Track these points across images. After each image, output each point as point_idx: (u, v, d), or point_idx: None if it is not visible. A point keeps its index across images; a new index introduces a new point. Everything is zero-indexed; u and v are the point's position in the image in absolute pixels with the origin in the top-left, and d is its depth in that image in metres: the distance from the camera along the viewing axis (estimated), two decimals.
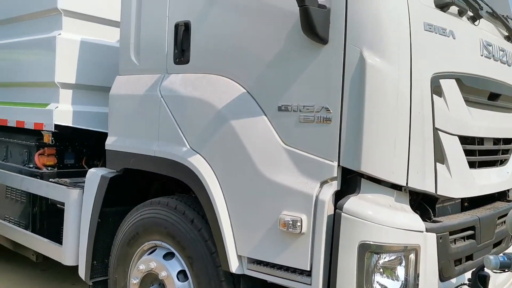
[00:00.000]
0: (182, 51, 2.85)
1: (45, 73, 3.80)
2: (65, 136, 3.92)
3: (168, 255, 2.86)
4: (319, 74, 2.30)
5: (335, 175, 2.24)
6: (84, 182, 3.45)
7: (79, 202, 3.40)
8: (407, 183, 2.26)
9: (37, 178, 3.88)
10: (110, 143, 3.26)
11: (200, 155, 2.68)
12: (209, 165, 2.63)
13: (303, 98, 2.34)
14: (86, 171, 3.57)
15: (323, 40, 2.27)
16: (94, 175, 3.31)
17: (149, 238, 2.99)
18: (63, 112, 3.74)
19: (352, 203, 2.18)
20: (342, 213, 2.17)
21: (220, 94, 2.64)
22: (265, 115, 2.46)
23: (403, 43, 2.26)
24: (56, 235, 3.68)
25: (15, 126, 4.11)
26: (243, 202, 2.48)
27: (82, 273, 3.33)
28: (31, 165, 4.06)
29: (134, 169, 3.11)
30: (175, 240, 2.81)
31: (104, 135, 3.49)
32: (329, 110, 2.26)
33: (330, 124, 2.25)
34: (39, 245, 3.76)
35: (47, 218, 3.91)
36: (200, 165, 2.65)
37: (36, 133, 3.99)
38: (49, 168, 4.00)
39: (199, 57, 2.80)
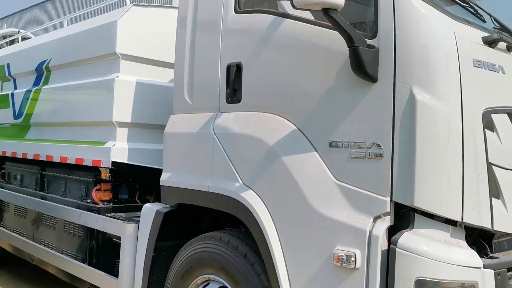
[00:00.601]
0: (234, 91, 2.99)
1: (103, 113, 4.03)
2: (120, 172, 4.12)
3: None
4: (369, 111, 2.37)
5: (388, 210, 2.27)
6: (138, 216, 3.60)
7: (135, 236, 3.54)
8: (462, 219, 2.25)
9: (94, 213, 4.07)
10: (165, 179, 3.40)
11: (253, 190, 2.77)
12: (262, 200, 2.71)
13: (354, 135, 2.40)
14: (140, 205, 3.73)
15: (372, 79, 2.34)
16: (149, 210, 3.45)
17: (202, 272, 3.06)
18: (120, 150, 3.94)
19: (406, 238, 2.19)
20: (397, 249, 2.18)
21: (271, 131, 2.74)
22: (316, 151, 2.54)
23: (452, 79, 2.30)
24: (112, 268, 3.83)
25: (74, 163, 4.35)
26: (296, 237, 2.53)
27: None
28: (89, 200, 4.26)
29: (187, 204, 3.23)
30: (228, 274, 2.88)
31: (156, 171, 3.65)
32: (380, 146, 2.30)
33: (382, 160, 2.30)
34: (95, 278, 3.90)
35: (104, 252, 4.07)
36: (253, 200, 2.73)
37: (93, 170, 4.21)
38: (105, 203, 4.19)
39: (250, 96, 2.92)
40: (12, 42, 6.96)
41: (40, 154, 4.88)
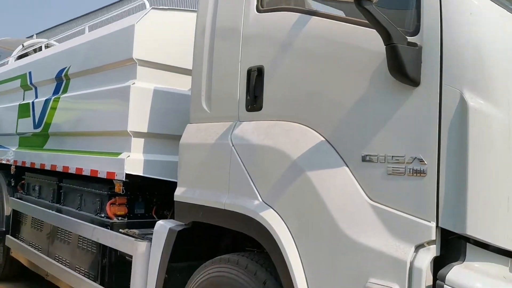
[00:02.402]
0: (254, 98, 2.69)
1: (118, 122, 3.80)
2: (136, 185, 3.86)
3: None
4: (409, 120, 2.01)
5: (433, 238, 1.89)
6: (152, 233, 3.31)
7: (147, 255, 3.25)
8: None
9: (108, 228, 3.82)
10: (179, 194, 3.11)
11: (274, 209, 2.44)
12: (284, 221, 2.37)
13: (391, 148, 2.05)
14: (156, 221, 3.45)
15: (414, 82, 1.99)
16: (162, 228, 3.16)
17: None
18: (135, 161, 3.69)
19: (457, 273, 1.81)
20: (445, 285, 1.80)
21: (294, 143, 2.41)
22: (347, 166, 2.19)
23: None
24: None
25: (89, 174, 4.12)
26: (322, 265, 2.18)
27: None
28: (103, 215, 4.02)
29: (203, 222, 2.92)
30: None
31: (174, 185, 3.37)
32: (423, 161, 1.94)
33: (425, 178, 1.93)
34: None
35: (116, 271, 3.80)
36: (273, 221, 2.40)
37: (109, 182, 3.97)
38: (120, 218, 3.94)
39: (273, 103, 2.61)
40: (35, 51, 6.90)
41: (57, 164, 4.70)
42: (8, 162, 5.75)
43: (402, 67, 1.97)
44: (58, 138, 4.91)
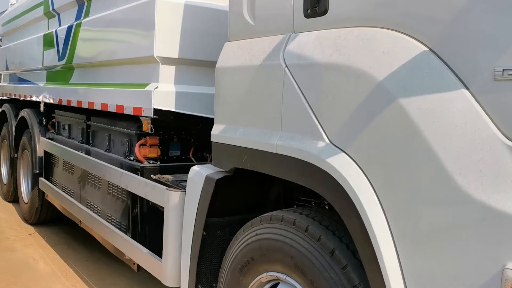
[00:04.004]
0: None
1: (144, 46, 3.13)
2: (169, 123, 3.23)
3: None
4: None
5: None
6: None
7: (181, 208, 2.66)
8: None
9: (137, 174, 3.25)
10: (217, 133, 2.44)
11: (347, 154, 1.71)
12: (362, 171, 1.65)
13: None
14: (194, 164, 2.85)
15: None
16: (197, 175, 2.53)
17: (268, 267, 2.12)
18: (164, 94, 3.03)
19: None
20: None
21: (381, 57, 1.63)
22: (467, 89, 1.41)
23: None
24: (158, 245, 2.99)
25: (115, 111, 3.52)
26: (427, 239, 1.46)
27: None
28: (132, 158, 3.45)
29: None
30: (306, 278, 1.90)
31: (213, 121, 2.72)
32: None
33: None
34: (138, 255, 3.12)
35: (149, 223, 3.27)
36: (346, 170, 1.69)
37: (138, 120, 3.36)
38: (152, 162, 3.35)
39: (343, 1, 1.82)
40: None
41: (83, 100, 4.13)
42: (37, 99, 5.27)
43: None
44: (83, 70, 4.33)
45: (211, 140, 2.49)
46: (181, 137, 3.50)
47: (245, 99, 2.24)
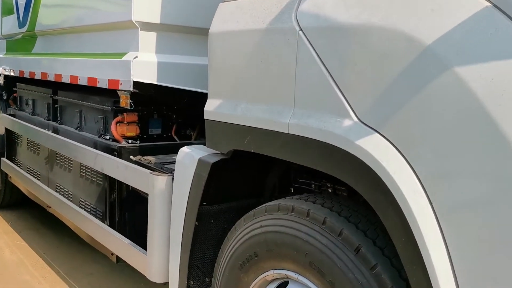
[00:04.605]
0: None
1: (120, 9, 2.74)
2: (149, 97, 2.87)
3: None
4: None
5: None
6: (174, 161, 2.37)
7: (168, 194, 2.34)
8: None
9: (114, 155, 2.89)
10: (212, 109, 2.11)
11: (381, 135, 1.42)
12: (403, 155, 1.37)
13: None
14: (179, 144, 2.52)
15: None
16: (188, 158, 2.20)
17: (276, 264, 1.84)
18: (144, 64, 2.66)
19: None
20: None
21: (428, 15, 1.33)
22: None
23: None
24: (141, 235, 2.66)
25: (86, 84, 3.12)
26: (491, 240, 1.19)
27: None
28: (108, 137, 3.08)
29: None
30: (324, 279, 1.63)
31: (201, 96, 2.39)
32: None
33: None
34: (117, 246, 2.79)
35: (130, 209, 2.93)
36: (382, 153, 1.40)
37: (114, 94, 2.98)
38: (130, 141, 2.99)
39: None
40: None
41: (48, 72, 3.70)
42: None
43: None
44: (47, 38, 3.87)
45: (205, 117, 2.15)
46: (162, 113, 3.15)
47: (248, 70, 1.91)
